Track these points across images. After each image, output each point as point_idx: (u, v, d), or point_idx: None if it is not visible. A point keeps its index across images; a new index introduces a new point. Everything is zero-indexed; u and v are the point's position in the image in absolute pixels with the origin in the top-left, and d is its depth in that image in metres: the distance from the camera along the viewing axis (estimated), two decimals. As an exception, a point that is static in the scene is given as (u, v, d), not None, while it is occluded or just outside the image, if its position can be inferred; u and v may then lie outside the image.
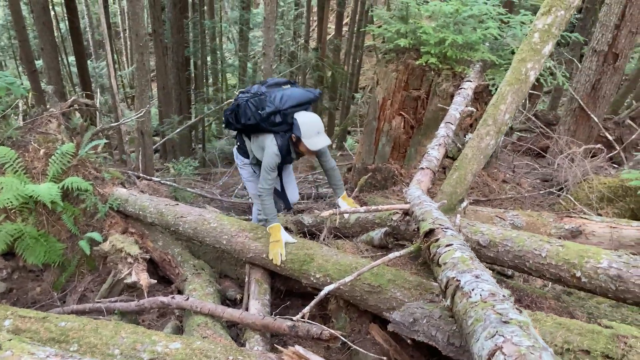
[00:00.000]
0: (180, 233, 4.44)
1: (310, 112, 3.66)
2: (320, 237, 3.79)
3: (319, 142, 3.53)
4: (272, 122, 3.57)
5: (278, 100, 3.55)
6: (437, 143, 3.83)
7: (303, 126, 3.51)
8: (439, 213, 2.64)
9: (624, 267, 2.26)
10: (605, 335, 1.58)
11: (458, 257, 1.84)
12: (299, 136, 3.51)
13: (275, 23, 7.29)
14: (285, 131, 3.63)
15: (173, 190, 8.70)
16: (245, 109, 3.66)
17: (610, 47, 6.02)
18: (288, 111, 3.55)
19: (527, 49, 3.04)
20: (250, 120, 3.64)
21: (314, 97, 3.68)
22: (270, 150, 3.60)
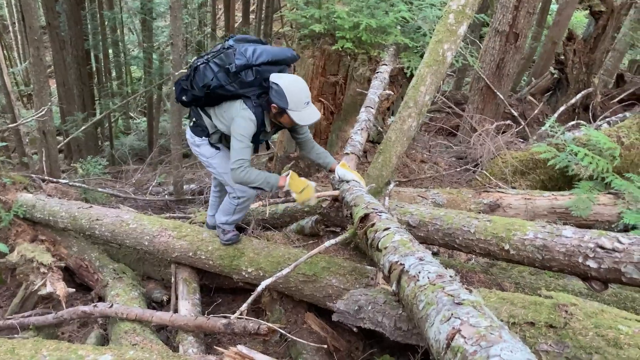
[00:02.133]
0: (96, 237, 4.17)
1: (291, 75, 3.01)
2: (248, 230, 3.69)
3: (310, 115, 2.92)
4: (242, 80, 2.93)
5: (250, 53, 2.92)
6: (360, 127, 3.83)
7: (290, 94, 2.85)
8: (370, 197, 2.64)
9: (548, 237, 2.36)
10: (547, 305, 1.63)
11: (398, 240, 1.83)
12: (284, 107, 2.86)
13: (181, 12, 7.00)
14: (257, 95, 3.00)
15: (83, 192, 8.19)
16: (205, 71, 3.00)
17: (511, 27, 6.31)
18: (262, 68, 2.92)
19: (443, 30, 3.09)
20: (213, 81, 2.97)
21: (291, 56, 3.05)
22: (243, 114, 2.95)
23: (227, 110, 3.08)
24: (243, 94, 2.99)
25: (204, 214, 4.35)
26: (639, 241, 2.14)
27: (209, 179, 8.76)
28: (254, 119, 2.95)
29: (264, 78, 2.94)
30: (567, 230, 2.34)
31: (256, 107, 2.98)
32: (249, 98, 2.99)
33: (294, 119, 2.87)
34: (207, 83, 2.98)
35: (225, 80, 2.95)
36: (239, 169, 2.92)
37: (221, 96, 3.06)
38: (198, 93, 3.08)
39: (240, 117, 2.95)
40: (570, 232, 2.32)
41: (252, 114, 2.95)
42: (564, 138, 4.40)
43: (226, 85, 2.96)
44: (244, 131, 2.94)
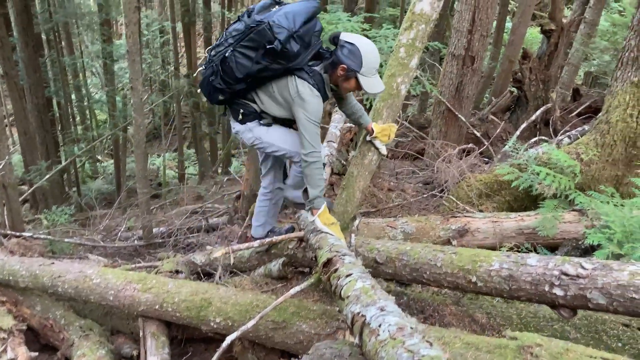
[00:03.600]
0: (60, 295, 4.02)
1: (363, 37, 2.74)
2: (215, 277, 3.60)
3: (378, 84, 2.70)
4: (290, 53, 2.58)
5: (285, 20, 2.55)
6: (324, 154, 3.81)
7: (366, 56, 2.60)
8: (335, 238, 2.60)
9: (514, 266, 2.34)
10: (512, 348, 1.59)
11: (360, 288, 1.78)
12: (356, 70, 2.60)
13: (140, 55, 6.96)
14: (309, 62, 2.69)
15: (49, 244, 7.98)
16: (238, 59, 2.64)
17: (467, 50, 6.43)
18: (302, 31, 2.58)
19: (395, 64, 3.11)
20: (254, 67, 2.62)
21: (317, 4, 2.72)
22: (306, 92, 2.64)
23: (279, 90, 2.77)
24: (293, 67, 2.66)
25: (171, 262, 4.24)
26: (601, 265, 2.14)
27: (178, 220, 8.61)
28: (317, 93, 2.67)
29: (307, 42, 2.64)
30: (532, 259, 2.33)
31: (313, 75, 2.68)
32: (301, 69, 2.67)
33: (363, 84, 2.62)
34: (249, 72, 2.66)
35: (269, 60, 2.61)
36: (315, 163, 2.68)
37: (266, 78, 2.74)
38: (237, 86, 2.75)
39: (305, 97, 2.65)
40: (535, 261, 2.31)
41: (313, 86, 2.66)
42: (525, 158, 4.45)
43: (271, 65, 2.63)
44: (314, 113, 2.66)
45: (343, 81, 2.72)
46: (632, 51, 4.05)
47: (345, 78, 2.69)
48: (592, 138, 4.32)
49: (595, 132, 4.32)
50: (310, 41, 2.66)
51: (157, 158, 19.00)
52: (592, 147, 4.26)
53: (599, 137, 4.27)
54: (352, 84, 2.69)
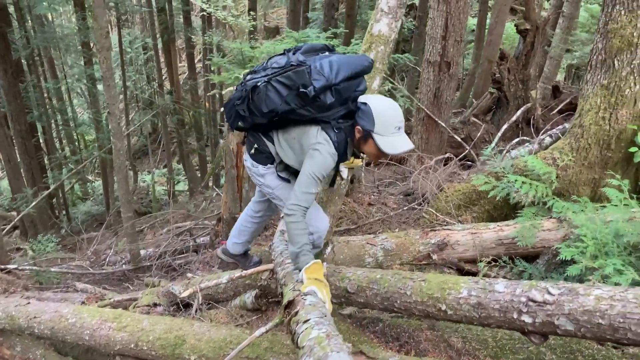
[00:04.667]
0: (37, 335, 3.95)
1: (382, 96, 2.62)
2: (192, 310, 3.54)
3: (401, 144, 2.47)
4: (322, 104, 2.44)
5: (328, 70, 2.41)
6: (295, 187, 3.76)
7: (378, 114, 2.45)
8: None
9: (482, 293, 2.30)
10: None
11: (315, 337, 1.73)
12: (371, 130, 2.44)
13: (114, 80, 6.90)
14: (338, 118, 2.54)
15: (35, 274, 7.89)
16: (269, 92, 2.51)
17: (442, 57, 6.40)
18: (342, 86, 2.44)
19: (357, 86, 3.06)
20: (282, 106, 2.49)
21: (369, 64, 2.55)
22: (324, 149, 2.47)
23: (300, 137, 2.60)
24: (321, 118, 2.52)
25: (150, 294, 4.18)
26: (567, 290, 2.09)
27: (166, 241, 8.54)
28: (334, 153, 2.49)
29: (345, 97, 2.49)
30: (500, 284, 2.29)
31: (338, 133, 2.51)
32: (328, 123, 2.51)
33: (380, 145, 2.43)
34: (275, 108, 2.51)
35: (298, 103, 2.47)
36: (293, 216, 2.46)
37: (291, 121, 2.60)
38: (260, 119, 2.61)
39: (319, 152, 2.47)
40: (502, 287, 2.27)
41: (333, 145, 2.48)
42: (502, 165, 4.41)
43: (299, 110, 2.49)
44: (319, 170, 2.47)
45: (362, 144, 2.55)
46: (600, 54, 4.03)
47: (363, 140, 2.52)
48: (567, 142, 4.28)
49: (570, 137, 4.29)
50: (348, 99, 2.51)
51: (147, 175, 18.92)
52: (567, 151, 4.23)
53: (573, 141, 4.23)
54: (372, 146, 2.49)
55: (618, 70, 3.93)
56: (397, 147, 2.45)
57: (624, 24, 3.83)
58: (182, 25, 13.59)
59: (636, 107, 3.94)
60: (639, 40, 3.80)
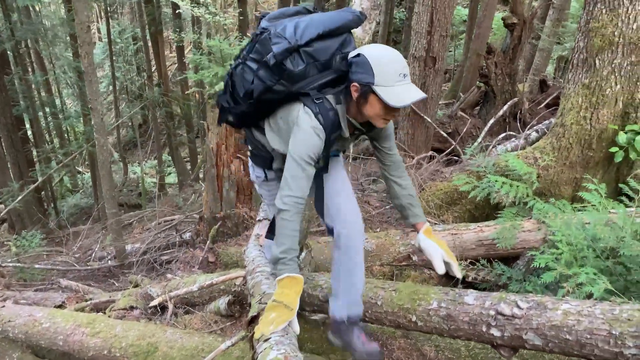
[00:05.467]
0: (12, 339, 3.90)
1: (378, 44, 2.20)
2: (167, 315, 3.49)
3: (409, 93, 1.96)
4: (291, 73, 2.02)
5: (290, 30, 2.01)
6: (272, 189, 3.71)
7: (379, 64, 1.97)
8: (270, 282, 2.50)
9: (451, 305, 2.26)
10: None
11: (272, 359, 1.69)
12: (370, 83, 1.96)
13: (96, 76, 6.79)
14: (320, 87, 2.10)
15: (19, 271, 7.83)
16: (244, 74, 2.15)
17: (427, 52, 6.33)
18: (314, 47, 2.02)
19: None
20: (255, 84, 2.10)
21: (354, 17, 2.11)
22: (305, 123, 2.05)
23: (284, 115, 2.18)
24: (298, 90, 2.08)
25: (127, 297, 4.14)
26: (536, 304, 2.06)
27: (153, 236, 8.49)
28: (318, 127, 2.04)
29: (324, 61, 2.06)
30: (469, 296, 2.25)
31: (319, 103, 2.05)
32: (306, 95, 2.08)
33: (384, 97, 1.92)
34: (248, 89, 2.13)
35: (271, 78, 2.06)
36: (287, 212, 2.04)
37: (274, 102, 2.19)
38: (243, 107, 2.23)
39: (299, 128, 2.05)
40: (472, 299, 2.23)
41: (315, 117, 2.03)
42: (484, 165, 4.37)
43: (274, 86, 2.08)
44: (304, 150, 2.03)
45: (363, 105, 2.04)
46: (582, 53, 3.98)
47: (363, 100, 2.02)
48: (548, 142, 4.25)
49: (551, 136, 4.25)
50: (330, 62, 2.07)
51: (138, 166, 18.80)
52: (548, 151, 4.19)
53: (555, 140, 4.19)
54: (375, 104, 2.00)
55: (599, 70, 3.89)
56: (405, 98, 1.93)
57: (605, 23, 3.78)
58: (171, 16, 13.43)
59: (617, 107, 3.90)
60: (620, 40, 3.75)
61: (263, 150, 2.39)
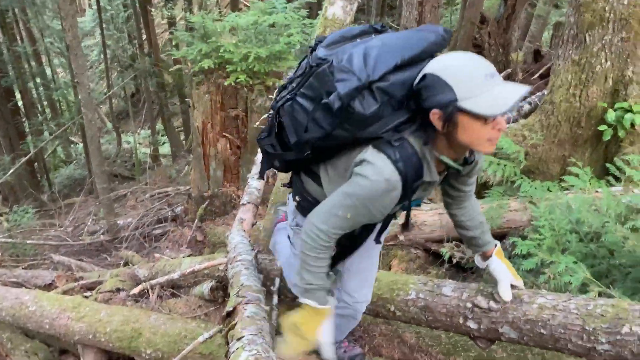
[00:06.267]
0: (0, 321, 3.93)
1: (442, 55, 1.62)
2: (151, 299, 3.49)
3: (505, 93, 1.46)
4: (360, 116, 1.57)
5: (359, 61, 1.55)
6: (257, 171, 3.68)
7: (455, 73, 1.49)
8: (249, 273, 2.49)
9: (429, 296, 2.26)
10: None
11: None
12: (453, 100, 1.48)
13: (81, 49, 6.65)
14: (396, 127, 1.62)
15: (11, 246, 7.84)
16: (295, 113, 1.71)
17: (418, 22, 6.22)
18: (389, 81, 1.56)
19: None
20: (312, 130, 1.66)
21: (437, 37, 1.65)
22: (370, 170, 1.58)
23: (348, 166, 1.71)
24: (370, 137, 1.63)
25: (114, 278, 4.14)
26: (513, 297, 2.05)
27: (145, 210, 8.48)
28: (394, 179, 1.56)
29: (400, 98, 1.60)
30: (447, 288, 2.25)
31: (399, 147, 1.58)
32: (380, 139, 1.61)
33: (476, 109, 1.46)
34: (302, 138, 1.70)
35: (332, 122, 1.62)
36: (307, 244, 1.70)
37: (333, 148, 1.77)
38: (295, 155, 1.81)
39: (360, 176, 1.59)
40: (450, 290, 2.23)
41: (394, 165, 1.56)
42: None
43: (335, 131, 1.64)
44: (360, 196, 1.60)
45: (455, 132, 1.53)
46: (572, 28, 3.89)
47: (451, 126, 1.52)
48: (537, 119, 4.19)
49: (540, 113, 4.20)
50: (406, 99, 1.61)
51: (132, 136, 18.65)
52: (537, 129, 4.14)
53: (544, 118, 4.14)
54: (469, 124, 1.50)
55: (589, 46, 3.81)
56: (505, 99, 1.44)
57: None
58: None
59: (607, 84, 3.84)
60: (611, 15, 3.66)
61: (314, 202, 1.85)
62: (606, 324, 1.80)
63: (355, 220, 1.68)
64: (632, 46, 3.71)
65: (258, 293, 2.25)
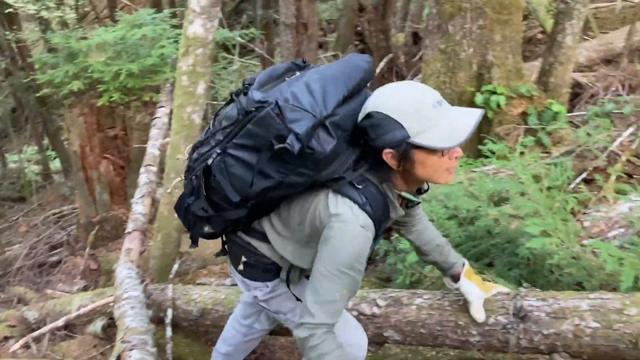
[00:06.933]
0: None
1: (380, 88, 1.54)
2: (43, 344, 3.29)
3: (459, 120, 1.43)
4: (320, 155, 1.45)
5: (307, 97, 1.45)
6: (140, 195, 3.56)
7: (401, 108, 1.43)
8: (135, 312, 2.40)
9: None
10: None
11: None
12: (405, 138, 1.42)
13: None
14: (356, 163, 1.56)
15: None
16: (231, 168, 1.54)
17: (298, 18, 6.22)
18: (339, 114, 1.48)
19: (181, 93, 2.87)
20: (259, 183, 1.51)
21: (366, 65, 1.59)
22: (347, 224, 1.48)
23: (308, 218, 1.59)
24: (329, 178, 1.53)
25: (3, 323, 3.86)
26: (393, 300, 2.14)
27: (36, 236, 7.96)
28: (368, 223, 1.50)
29: (352, 131, 1.53)
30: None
31: (364, 188, 1.52)
32: (341, 181, 1.52)
33: (432, 144, 1.41)
34: (248, 194, 1.54)
35: (282, 170, 1.48)
36: (313, 337, 1.47)
37: (283, 198, 1.65)
38: (234, 214, 1.64)
39: (339, 232, 1.48)
40: (336, 301, 2.27)
41: (362, 209, 1.49)
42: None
43: (287, 178, 1.50)
44: (348, 259, 1.47)
45: (412, 169, 1.49)
46: (435, 19, 4.07)
47: (408, 163, 1.48)
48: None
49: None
50: (355, 134, 1.55)
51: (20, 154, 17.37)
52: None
53: (421, 106, 4.31)
54: (426, 158, 1.46)
55: (453, 35, 4.00)
56: (460, 128, 1.40)
57: (453, -10, 3.87)
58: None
59: (472, 69, 4.06)
60: (468, 5, 3.87)
61: (263, 263, 1.74)
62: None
63: (351, 289, 1.52)
64: (490, 32, 3.95)
65: (144, 334, 2.18)
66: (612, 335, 1.68)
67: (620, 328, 1.67)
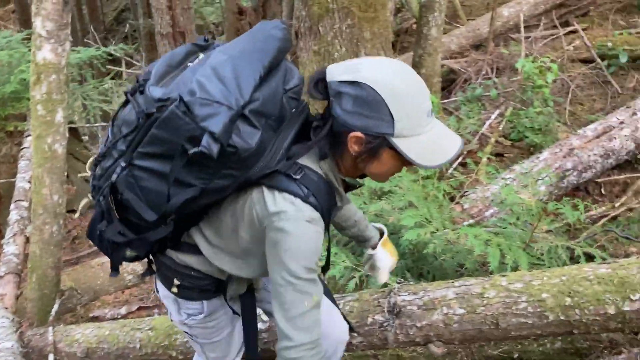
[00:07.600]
0: None
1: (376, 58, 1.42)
2: None
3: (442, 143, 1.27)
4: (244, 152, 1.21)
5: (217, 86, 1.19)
6: (12, 233, 3.32)
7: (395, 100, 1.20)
8: None
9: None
10: None
11: None
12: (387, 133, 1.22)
13: None
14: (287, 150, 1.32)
15: None
16: (142, 182, 1.28)
17: (173, 27, 6.08)
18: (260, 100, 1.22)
19: (38, 124, 2.68)
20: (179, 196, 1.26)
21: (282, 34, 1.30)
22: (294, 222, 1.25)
23: (238, 217, 1.37)
24: (262, 174, 1.29)
25: None
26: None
27: None
28: (315, 216, 1.28)
29: (279, 116, 1.30)
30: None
31: (304, 176, 1.29)
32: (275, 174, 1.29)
33: (414, 158, 1.23)
34: (166, 210, 1.29)
35: (203, 175, 1.25)
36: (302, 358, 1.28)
37: (205, 208, 1.40)
38: (158, 234, 1.36)
39: (287, 232, 1.25)
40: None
41: (305, 202, 1.27)
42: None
43: (211, 183, 1.26)
44: (304, 261, 1.27)
45: (368, 162, 1.31)
46: (305, 21, 4.10)
47: (369, 156, 1.29)
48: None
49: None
50: (282, 112, 1.31)
51: None
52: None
53: (303, 108, 4.35)
54: (390, 161, 1.29)
55: (324, 36, 4.05)
56: (441, 151, 1.26)
57: (318, -8, 3.92)
58: None
59: (346, 68, 4.13)
60: (334, 6, 3.93)
61: (199, 284, 1.53)
62: (355, 319, 1.96)
63: (318, 292, 1.31)
64: (359, 31, 4.04)
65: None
66: (477, 319, 1.78)
67: (482, 311, 1.77)
